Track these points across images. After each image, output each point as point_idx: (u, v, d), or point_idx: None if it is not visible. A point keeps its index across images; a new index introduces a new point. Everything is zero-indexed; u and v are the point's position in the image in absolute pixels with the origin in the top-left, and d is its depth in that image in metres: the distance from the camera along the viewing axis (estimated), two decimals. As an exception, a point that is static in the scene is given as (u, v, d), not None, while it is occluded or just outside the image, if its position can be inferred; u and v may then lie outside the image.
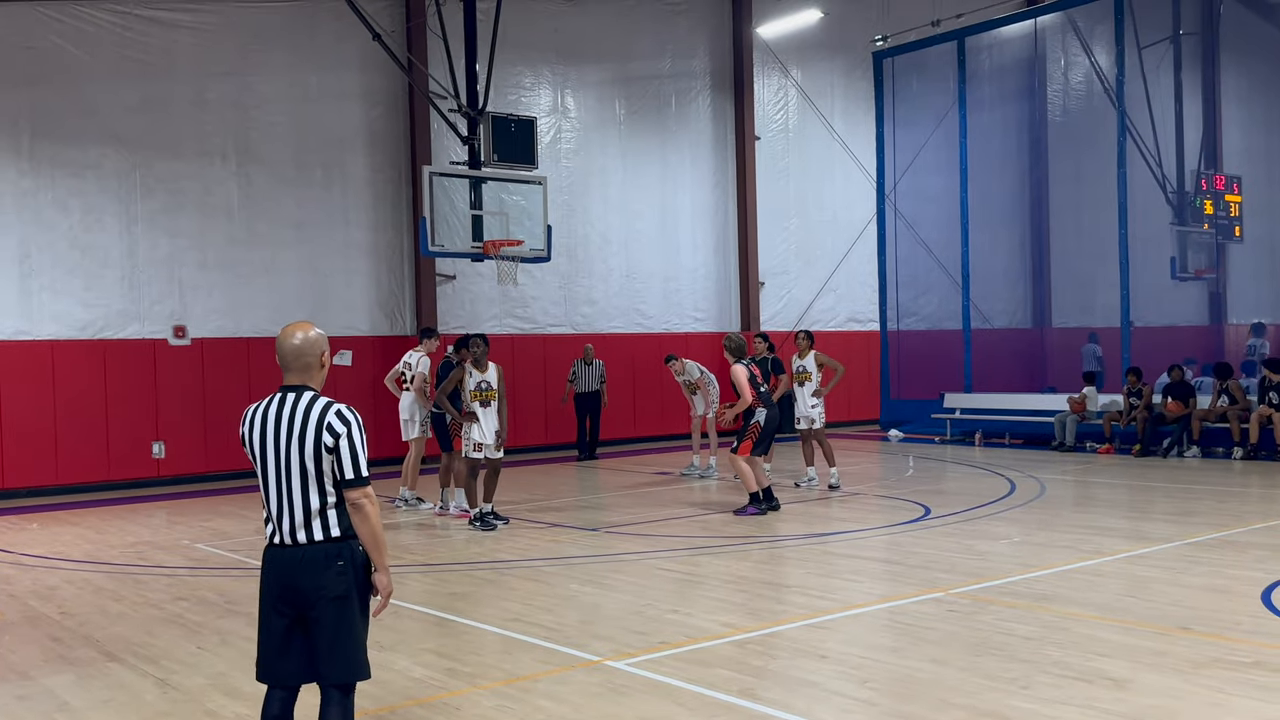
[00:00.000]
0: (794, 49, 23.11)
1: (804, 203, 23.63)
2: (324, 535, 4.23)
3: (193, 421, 16.43)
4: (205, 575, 9.47)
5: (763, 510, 11.73)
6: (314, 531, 4.22)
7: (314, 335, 4.36)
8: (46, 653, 7.07)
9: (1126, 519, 11.41)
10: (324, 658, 4.25)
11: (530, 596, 8.30)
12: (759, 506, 11.75)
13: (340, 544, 4.25)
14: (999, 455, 17.56)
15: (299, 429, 4.20)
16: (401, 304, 18.63)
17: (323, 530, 4.23)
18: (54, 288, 15.64)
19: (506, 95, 19.24)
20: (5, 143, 15.27)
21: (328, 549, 4.23)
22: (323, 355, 4.36)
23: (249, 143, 17.16)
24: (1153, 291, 22.73)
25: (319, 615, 4.22)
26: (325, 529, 4.23)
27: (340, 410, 4.23)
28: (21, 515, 13.64)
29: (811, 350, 13.98)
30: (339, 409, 4.23)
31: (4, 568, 10.11)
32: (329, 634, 4.23)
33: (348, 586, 4.25)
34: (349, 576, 4.26)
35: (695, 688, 5.85)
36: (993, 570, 8.64)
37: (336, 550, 4.23)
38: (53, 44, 15.63)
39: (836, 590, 8.24)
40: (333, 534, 4.24)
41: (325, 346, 4.39)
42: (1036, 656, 6.22)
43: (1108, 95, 22.10)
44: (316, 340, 4.35)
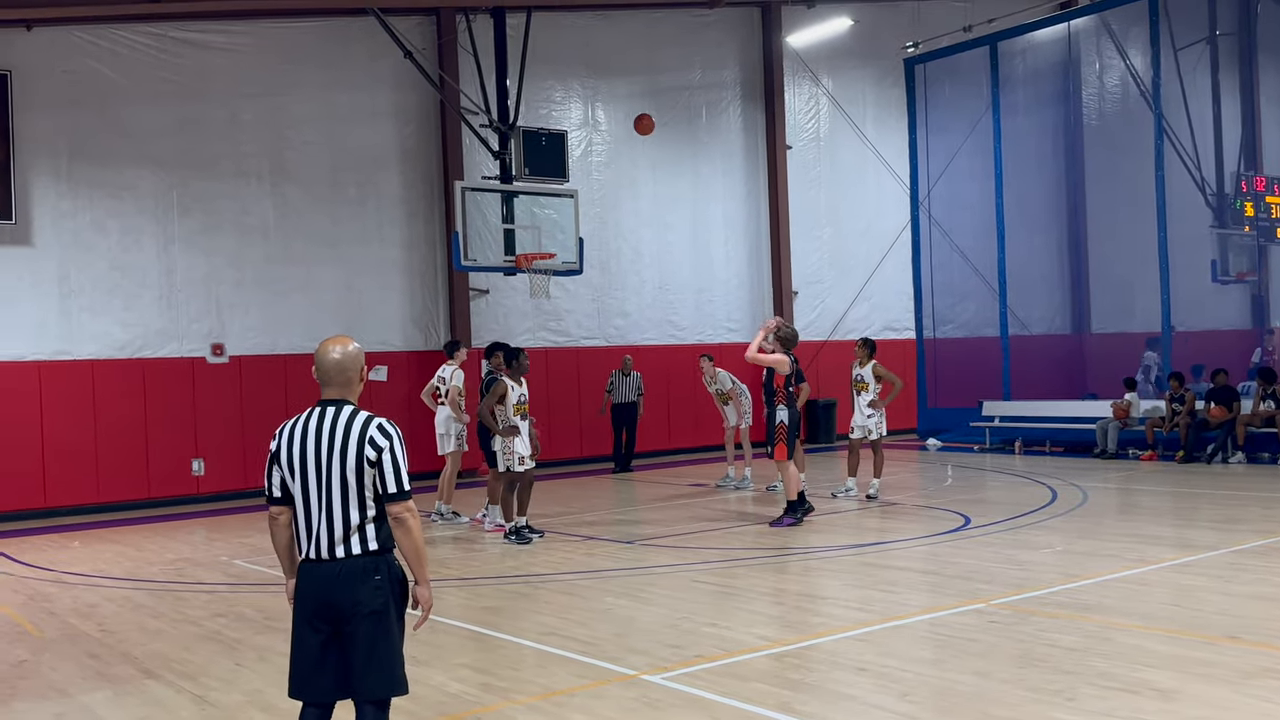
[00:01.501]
0: (824, 57, 23.03)
1: (837, 211, 23.52)
2: (362, 549, 4.20)
3: (232, 439, 16.55)
4: (244, 592, 9.50)
5: (799, 520, 11.63)
6: (352, 546, 4.19)
7: (354, 350, 4.35)
8: (84, 670, 7.10)
9: (1171, 527, 11.21)
10: (360, 673, 4.21)
11: (565, 610, 8.26)
12: (795, 517, 11.65)
13: (378, 558, 4.22)
14: (1039, 463, 17.34)
15: (340, 443, 4.17)
16: (435, 319, 18.69)
17: (361, 545, 4.19)
18: (93, 308, 15.83)
19: (537, 109, 19.30)
20: (45, 165, 15.50)
21: (365, 563, 4.20)
22: (362, 370, 4.37)
23: (284, 162, 17.31)
24: (1193, 295, 22.38)
25: (355, 630, 4.18)
26: (364, 543, 4.20)
27: (382, 424, 4.22)
28: (63, 534, 13.78)
29: (872, 360, 13.75)
30: (380, 423, 4.22)
31: (45, 585, 10.21)
32: (365, 649, 4.19)
33: (385, 601, 4.21)
34: (386, 591, 4.23)
35: (732, 702, 5.78)
36: (1035, 580, 8.50)
37: (374, 564, 4.21)
38: (90, 67, 15.85)
39: (875, 602, 8.14)
40: (371, 548, 4.21)
41: (364, 361, 4.40)
42: (1080, 668, 6.10)
43: (1144, 98, 21.84)
44: (357, 355, 4.34)
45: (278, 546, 4.44)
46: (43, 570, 11.06)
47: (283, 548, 4.42)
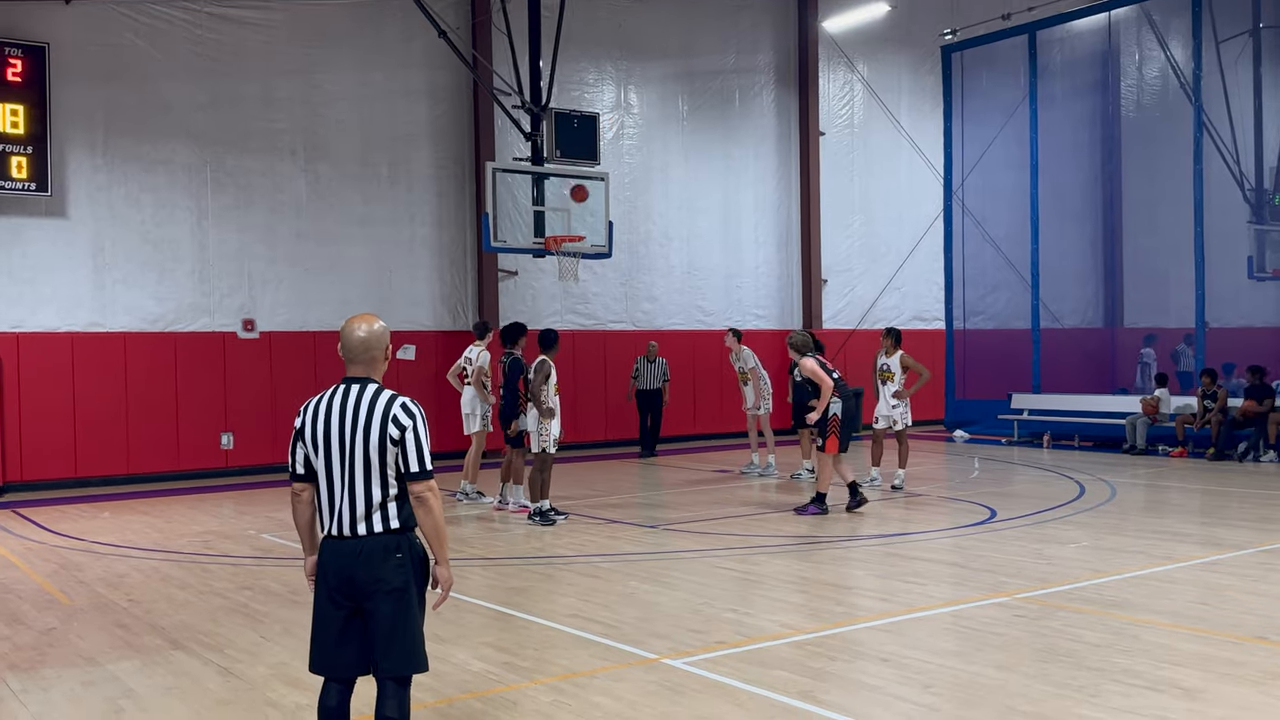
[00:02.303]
0: (860, 43, 22.85)
1: (869, 199, 23.37)
2: (384, 527, 4.21)
3: (261, 413, 16.67)
4: (270, 565, 9.58)
5: (824, 510, 11.61)
6: (374, 524, 4.21)
7: (379, 328, 4.34)
8: (113, 639, 7.19)
9: (1200, 524, 11.11)
10: (382, 650, 4.24)
11: (588, 593, 8.28)
12: (821, 507, 11.63)
13: (399, 536, 4.24)
14: (1068, 457, 17.22)
15: (364, 421, 4.19)
16: (464, 299, 18.73)
17: (382, 522, 4.21)
18: (127, 281, 15.95)
19: (570, 91, 19.26)
20: (81, 138, 15.61)
21: (386, 541, 4.21)
22: (387, 349, 4.36)
23: (317, 139, 17.37)
24: (1229, 291, 22.11)
25: (376, 607, 4.21)
26: (385, 521, 4.21)
27: (405, 403, 4.22)
28: (94, 504, 13.94)
29: (898, 351, 13.69)
30: (404, 402, 4.23)
31: (76, 555, 10.33)
32: (387, 626, 4.22)
33: (406, 579, 4.23)
34: (408, 569, 4.24)
35: (753, 689, 5.78)
36: (1061, 575, 8.44)
37: (395, 542, 4.22)
38: (128, 41, 15.94)
39: (899, 593, 8.11)
40: (392, 526, 4.22)
41: (389, 340, 4.39)
42: (1105, 664, 6.06)
43: (1184, 90, 21.56)
44: (382, 333, 4.33)
45: (299, 523, 4.47)
46: (73, 539, 11.19)
47: (304, 524, 4.46)
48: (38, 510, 13.36)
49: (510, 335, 12.48)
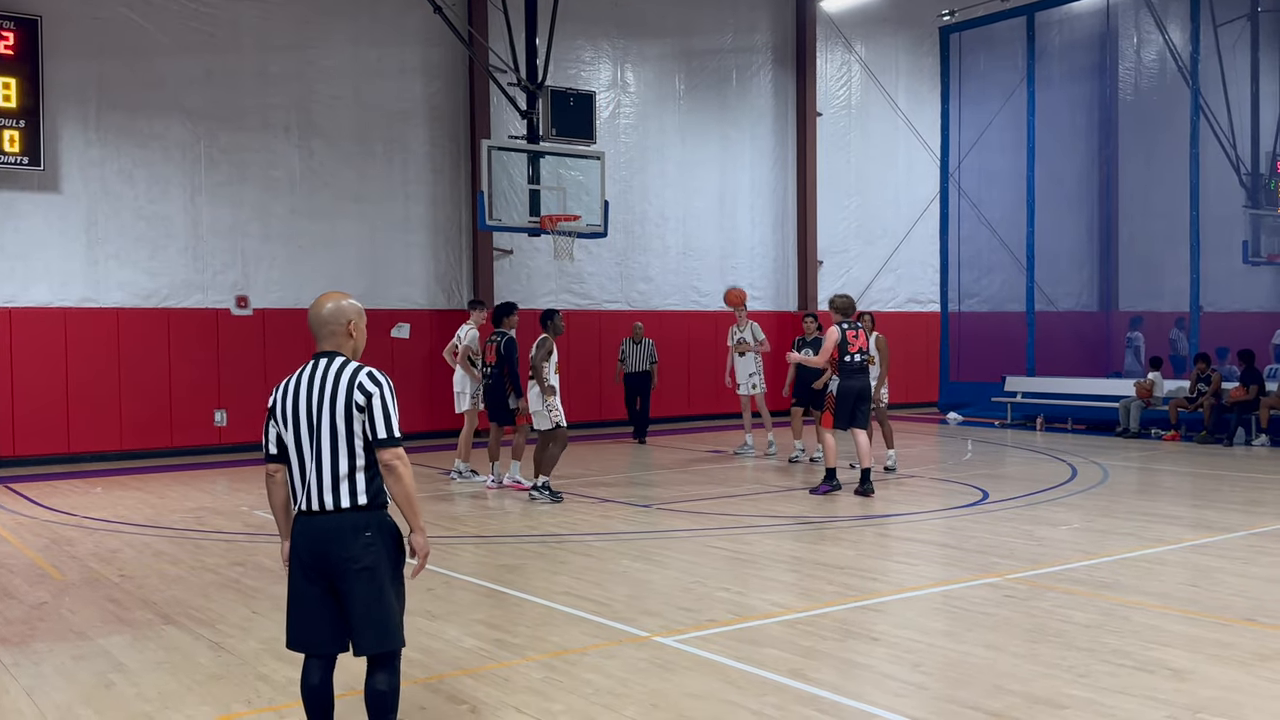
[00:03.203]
0: (858, 23, 22.77)
1: (865, 180, 23.33)
2: (351, 502, 4.18)
3: (254, 391, 16.61)
4: (262, 541, 9.57)
5: (835, 486, 11.66)
6: (341, 496, 4.18)
7: (344, 304, 4.33)
8: (104, 614, 7.19)
9: (1191, 507, 11.14)
10: (357, 629, 4.24)
11: (581, 571, 8.29)
12: (832, 484, 11.66)
13: (368, 514, 4.22)
14: (1061, 440, 17.25)
15: (330, 390, 4.18)
16: (459, 278, 18.69)
17: (350, 496, 4.18)
18: (120, 257, 15.89)
19: (566, 69, 19.17)
20: (74, 112, 15.51)
21: (355, 519, 4.19)
22: (349, 324, 4.32)
23: (311, 116, 17.28)
24: (1224, 276, 22.12)
25: (349, 587, 4.20)
26: (353, 495, 4.19)
27: (372, 372, 4.23)
28: (86, 479, 13.93)
29: (874, 333, 13.69)
30: (370, 370, 4.23)
31: (67, 530, 10.32)
32: (360, 606, 4.21)
33: (376, 557, 4.21)
34: (378, 547, 4.23)
35: (744, 666, 5.79)
36: (1051, 556, 8.47)
37: (365, 521, 4.20)
38: (121, 15, 15.82)
39: (890, 573, 8.13)
40: (360, 502, 4.19)
41: (354, 316, 4.34)
42: (1094, 645, 6.08)
43: (1181, 74, 21.50)
44: (344, 309, 4.32)
45: (274, 504, 4.44)
46: (65, 515, 11.18)
47: (279, 505, 4.43)
48: (30, 485, 13.34)
49: (501, 314, 12.48)
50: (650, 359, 17.66)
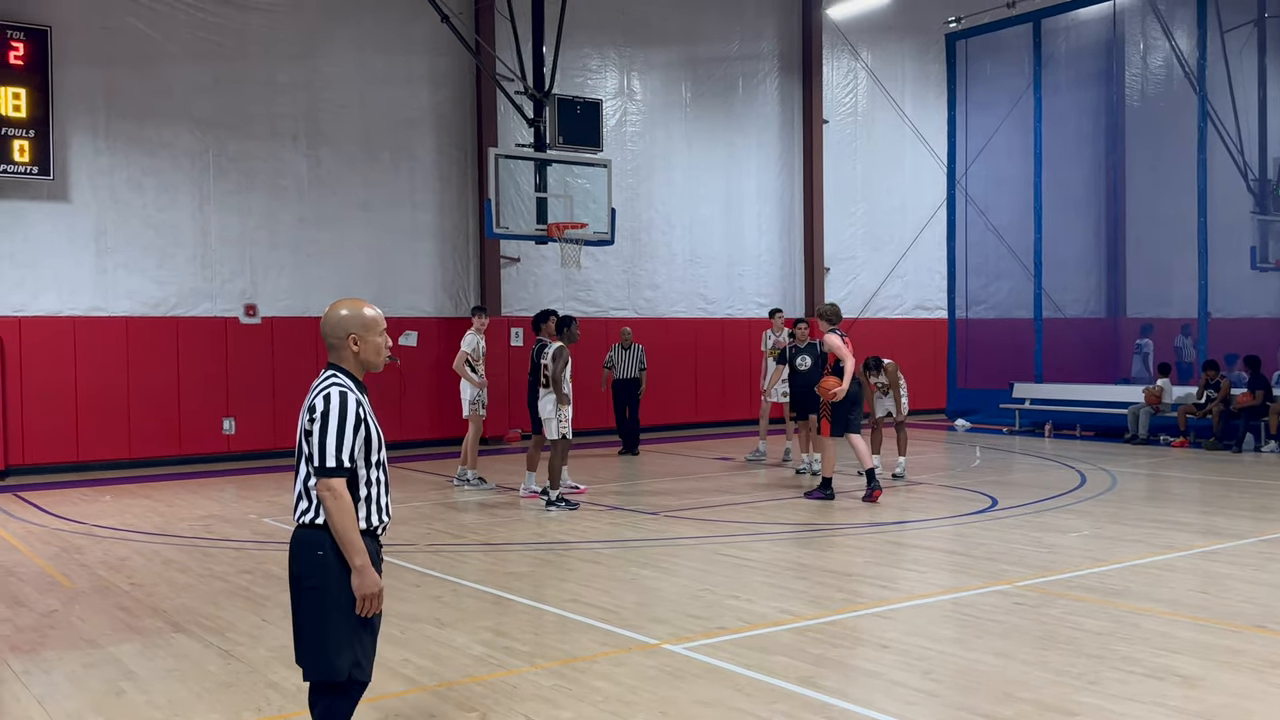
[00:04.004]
0: (864, 30, 22.78)
1: (872, 187, 23.33)
2: (310, 519, 4.01)
3: (262, 399, 16.67)
4: (271, 549, 9.59)
5: (829, 495, 11.67)
6: (299, 513, 4.04)
7: (345, 315, 4.10)
8: (114, 622, 7.20)
9: (1200, 514, 11.10)
10: (297, 649, 4.12)
11: (589, 578, 8.29)
12: (826, 492, 11.69)
13: (322, 532, 3.98)
14: (1069, 447, 17.22)
15: (305, 405, 4.10)
16: (466, 286, 18.72)
17: (306, 512, 4.02)
18: (129, 265, 15.94)
19: (573, 77, 19.21)
20: (83, 121, 15.57)
21: (309, 535, 4.01)
22: (350, 337, 4.07)
23: (319, 124, 17.33)
24: (1232, 282, 22.09)
25: (295, 604, 4.09)
26: (309, 512, 4.01)
27: (329, 393, 3.97)
28: (95, 487, 13.96)
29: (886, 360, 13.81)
30: (328, 391, 3.97)
31: (77, 538, 10.34)
32: (302, 625, 4.07)
33: (325, 579, 3.97)
34: (329, 569, 3.96)
35: (753, 674, 5.79)
36: (1061, 563, 8.45)
37: (318, 538, 3.98)
38: (129, 24, 15.89)
39: (899, 580, 8.12)
40: (316, 520, 4.00)
41: (356, 329, 4.09)
42: (1105, 652, 6.07)
43: (1188, 80, 21.49)
44: (345, 320, 4.08)
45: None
46: (74, 523, 11.21)
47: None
48: (39, 494, 13.38)
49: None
50: (640, 365, 16.74)
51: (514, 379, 18.09)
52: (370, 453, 4.05)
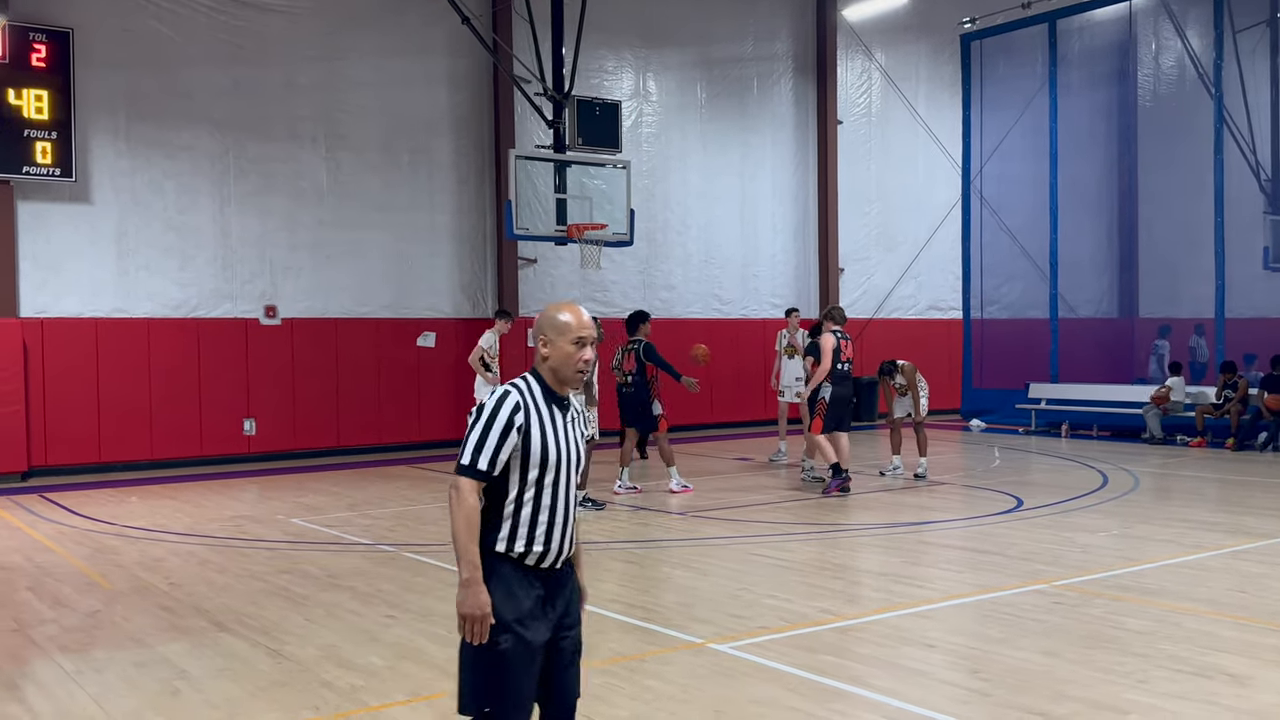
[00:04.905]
0: (878, 31, 22.81)
1: (886, 188, 23.36)
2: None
3: (283, 400, 16.72)
4: (305, 549, 9.63)
5: (845, 480, 11.90)
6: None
7: (542, 315, 3.72)
8: (158, 622, 7.24)
9: (1227, 513, 11.12)
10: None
11: (626, 578, 8.33)
12: (841, 479, 11.90)
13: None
14: (1086, 447, 17.24)
15: None
16: (483, 287, 18.76)
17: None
18: (150, 267, 15.99)
19: (589, 79, 19.24)
20: (104, 123, 15.62)
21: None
22: (540, 337, 3.66)
23: (338, 126, 17.38)
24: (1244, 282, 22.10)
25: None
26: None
27: (496, 391, 3.66)
28: (119, 488, 14.00)
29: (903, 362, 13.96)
30: (495, 390, 3.67)
31: (109, 539, 10.39)
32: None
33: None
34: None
35: (804, 673, 5.82)
36: (1095, 563, 8.48)
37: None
38: (149, 26, 15.94)
39: (935, 579, 8.15)
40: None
41: (546, 330, 3.64)
42: (1151, 651, 6.10)
43: (1201, 80, 21.52)
44: (539, 321, 3.70)
45: None
46: (104, 524, 11.26)
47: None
48: (64, 495, 13.43)
49: (637, 322, 12.90)
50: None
51: (531, 380, 18.12)
52: (528, 468, 3.55)
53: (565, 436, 3.63)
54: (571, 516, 3.66)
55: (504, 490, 3.56)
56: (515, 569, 3.56)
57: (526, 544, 3.56)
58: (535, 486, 3.57)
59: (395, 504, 12.30)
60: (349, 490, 13.46)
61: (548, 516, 3.58)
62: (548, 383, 3.66)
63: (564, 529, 3.62)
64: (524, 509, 3.57)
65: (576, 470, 3.67)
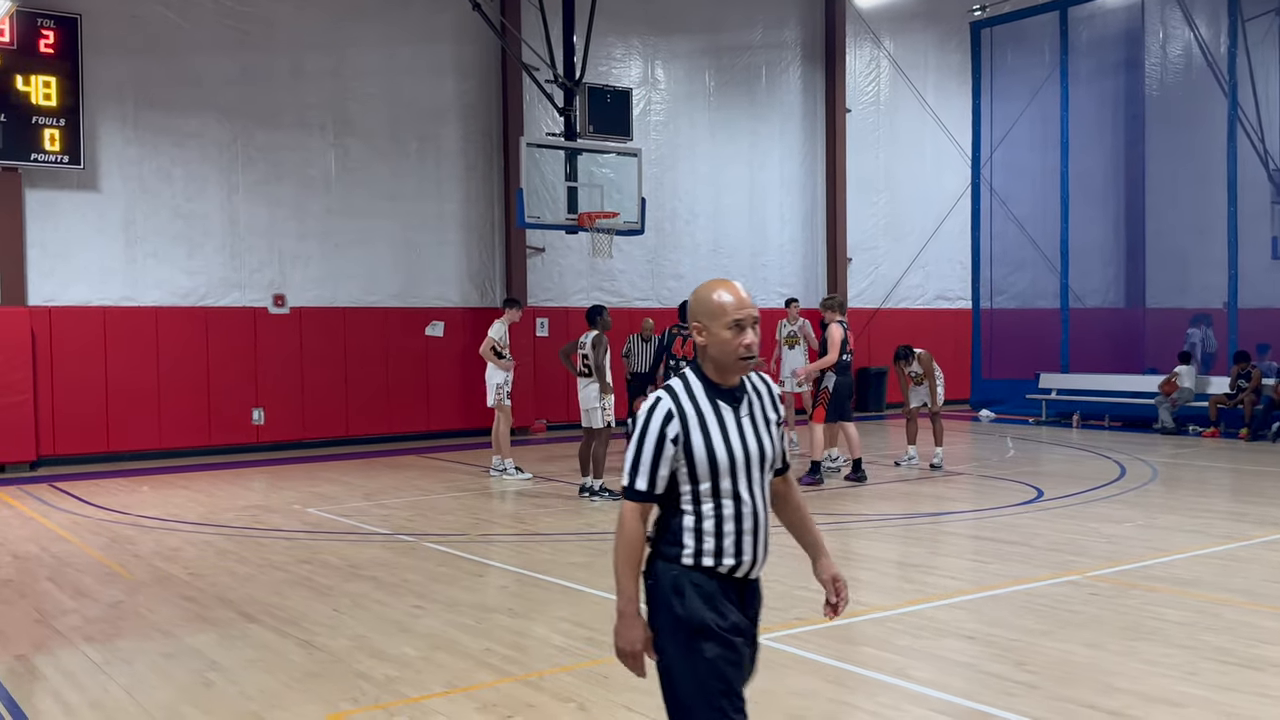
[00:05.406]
0: (887, 19, 22.68)
1: (893, 177, 23.25)
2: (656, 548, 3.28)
3: (291, 389, 16.61)
4: (323, 539, 9.54)
5: (818, 480, 11.92)
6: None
7: (694, 298, 3.27)
8: (184, 612, 7.15)
9: (1250, 504, 11.05)
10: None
11: (651, 568, 8.24)
12: (815, 477, 11.93)
13: (662, 564, 3.23)
14: (1098, 437, 17.18)
15: None
16: (492, 276, 18.65)
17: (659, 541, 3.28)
18: (158, 255, 15.86)
19: (597, 66, 19.10)
20: (112, 110, 15.48)
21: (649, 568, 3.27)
22: (694, 324, 3.22)
23: (346, 114, 17.24)
24: (1252, 272, 22.02)
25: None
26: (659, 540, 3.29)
27: (657, 393, 3.23)
28: (129, 477, 13.90)
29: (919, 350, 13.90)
30: (656, 393, 3.24)
31: (124, 528, 10.29)
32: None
33: (650, 613, 3.24)
34: (652, 609, 3.23)
35: (846, 665, 5.75)
36: (1124, 554, 8.41)
37: (649, 568, 3.26)
38: (157, 13, 15.79)
39: (965, 571, 8.07)
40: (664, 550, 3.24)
41: (701, 316, 3.20)
42: (1195, 642, 6.03)
43: (1211, 69, 21.40)
44: (690, 306, 3.25)
45: None
46: (118, 513, 11.16)
47: None
48: (74, 484, 13.32)
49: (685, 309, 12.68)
50: (658, 358, 15.76)
51: (539, 370, 18.03)
52: (697, 479, 3.15)
53: (741, 434, 3.19)
54: (763, 521, 3.23)
55: (678, 504, 3.19)
56: (708, 577, 3.19)
57: (715, 557, 3.17)
58: (713, 497, 3.16)
59: (409, 494, 12.21)
60: (361, 480, 13.36)
61: (734, 526, 3.17)
62: (709, 376, 3.22)
63: (755, 536, 3.21)
64: (705, 521, 3.17)
65: (767, 467, 3.25)
